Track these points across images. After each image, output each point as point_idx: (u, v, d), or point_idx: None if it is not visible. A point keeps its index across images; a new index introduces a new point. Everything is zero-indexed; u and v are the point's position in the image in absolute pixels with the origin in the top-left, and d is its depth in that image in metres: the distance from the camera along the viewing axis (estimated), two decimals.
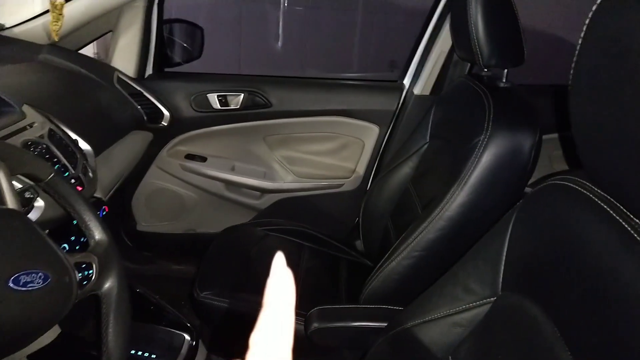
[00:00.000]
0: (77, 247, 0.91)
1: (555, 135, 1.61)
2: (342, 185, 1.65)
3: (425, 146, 1.30)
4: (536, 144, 0.94)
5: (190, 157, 1.61)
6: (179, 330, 1.07)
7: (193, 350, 1.04)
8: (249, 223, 1.52)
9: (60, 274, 0.57)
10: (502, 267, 0.66)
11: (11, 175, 0.58)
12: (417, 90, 1.52)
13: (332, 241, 1.50)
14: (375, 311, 0.95)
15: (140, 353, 0.97)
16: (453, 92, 1.25)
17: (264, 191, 1.65)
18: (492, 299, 0.67)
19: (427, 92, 1.51)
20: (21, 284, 0.51)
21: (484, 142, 0.94)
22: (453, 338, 0.71)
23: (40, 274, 0.53)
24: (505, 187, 0.96)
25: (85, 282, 0.64)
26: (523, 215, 0.66)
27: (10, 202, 0.57)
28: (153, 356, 0.98)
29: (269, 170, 1.65)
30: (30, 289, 0.52)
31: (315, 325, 0.93)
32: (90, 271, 0.65)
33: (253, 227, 1.46)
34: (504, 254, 0.66)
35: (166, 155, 1.59)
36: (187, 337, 1.06)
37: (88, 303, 0.69)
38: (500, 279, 0.66)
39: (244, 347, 0.71)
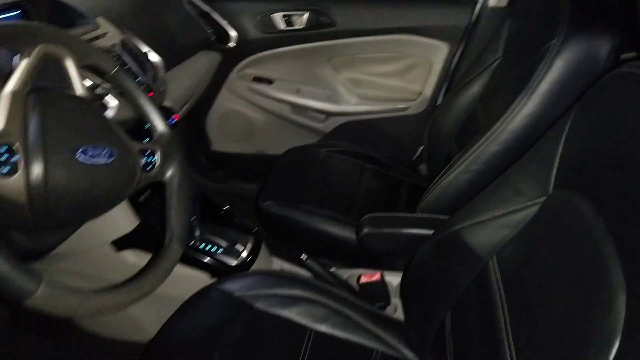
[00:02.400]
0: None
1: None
2: (408, 108, 1.61)
3: (497, 62, 1.22)
4: (615, 52, 0.85)
5: (257, 79, 1.65)
6: (244, 232, 1.16)
7: (255, 250, 1.13)
8: (313, 144, 1.55)
9: (124, 154, 0.63)
10: (556, 166, 0.63)
11: (78, 65, 0.64)
12: (492, 2, 1.40)
13: (394, 164, 1.49)
14: (426, 220, 0.95)
15: (208, 247, 1.07)
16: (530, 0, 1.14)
17: (328, 114, 1.66)
18: (541, 199, 0.64)
19: (503, 4, 1.39)
20: (88, 156, 0.57)
21: (556, 47, 0.86)
22: (499, 240, 0.70)
23: (106, 150, 0.60)
24: (576, 100, 0.89)
25: (149, 168, 0.70)
26: (583, 110, 0.61)
27: (79, 90, 0.63)
28: (219, 251, 1.07)
29: (334, 93, 1.65)
30: (96, 163, 0.59)
31: (366, 230, 0.96)
32: (154, 158, 0.71)
33: (316, 148, 1.49)
34: (559, 152, 0.63)
35: (235, 78, 1.65)
36: (250, 237, 1.15)
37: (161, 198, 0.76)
38: (553, 178, 0.63)
39: (301, 251, 0.75)
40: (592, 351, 0.43)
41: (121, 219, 0.97)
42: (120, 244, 1.00)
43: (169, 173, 0.73)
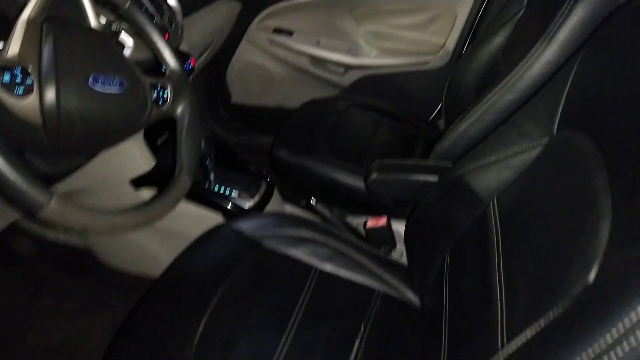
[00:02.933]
0: None
1: None
2: (429, 62, 1.58)
3: (521, 12, 1.18)
4: None
5: (278, 31, 1.65)
6: (257, 178, 1.19)
7: (268, 194, 1.16)
8: (331, 97, 1.55)
9: (135, 85, 0.66)
10: (561, 106, 0.62)
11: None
12: None
13: (412, 120, 1.48)
14: (434, 167, 0.95)
15: (222, 189, 1.11)
16: None
17: (347, 67, 1.65)
18: (545, 139, 0.64)
19: None
20: (100, 83, 0.60)
21: None
22: (501, 182, 0.70)
23: (116, 79, 0.62)
24: None
25: (160, 103, 0.73)
26: (592, 47, 0.60)
27: (93, 22, 0.66)
28: (233, 194, 1.11)
29: (354, 45, 1.63)
30: (107, 91, 0.61)
31: (374, 176, 0.97)
32: (166, 93, 0.73)
33: (334, 101, 1.49)
34: (565, 92, 0.62)
35: (255, 29, 1.64)
36: (263, 183, 1.18)
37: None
38: (557, 119, 0.62)
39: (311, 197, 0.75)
40: (574, 273, 0.44)
41: (139, 158, 1.02)
42: (138, 182, 1.04)
43: (179, 109, 0.76)
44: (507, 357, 0.44)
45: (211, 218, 1.11)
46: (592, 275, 0.42)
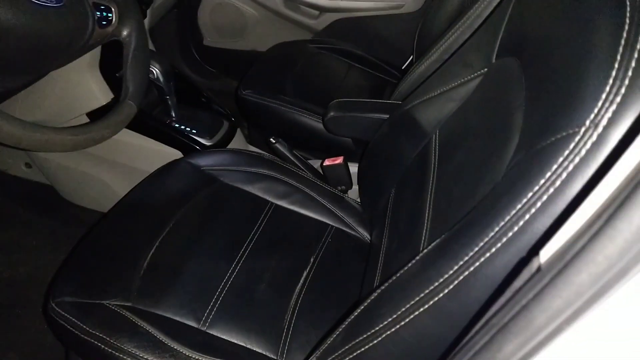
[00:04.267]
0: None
1: None
2: (403, 5, 1.55)
3: None
4: None
5: None
6: (221, 117, 1.19)
7: (230, 133, 1.16)
8: (302, 40, 1.53)
9: (75, 1, 0.64)
10: (500, 35, 0.62)
11: None
12: None
13: (384, 65, 1.47)
14: (387, 105, 0.96)
15: (183, 127, 1.10)
16: None
17: (321, 9, 1.61)
18: (485, 70, 0.64)
19: None
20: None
21: None
22: (445, 113, 0.71)
23: None
24: None
25: (104, 23, 0.71)
26: None
27: None
28: (194, 131, 1.11)
29: None
30: (44, 3, 0.60)
31: (332, 114, 0.97)
32: (110, 15, 0.72)
33: (305, 44, 1.46)
34: (505, 21, 0.62)
35: None
36: (225, 122, 1.17)
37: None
38: (497, 47, 0.62)
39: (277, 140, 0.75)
40: (485, 186, 0.45)
41: (96, 90, 1.00)
42: (96, 116, 1.03)
43: (125, 32, 0.74)
44: (411, 266, 0.46)
45: (171, 155, 1.10)
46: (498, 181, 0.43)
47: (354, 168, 1.09)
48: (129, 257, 0.77)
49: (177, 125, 1.10)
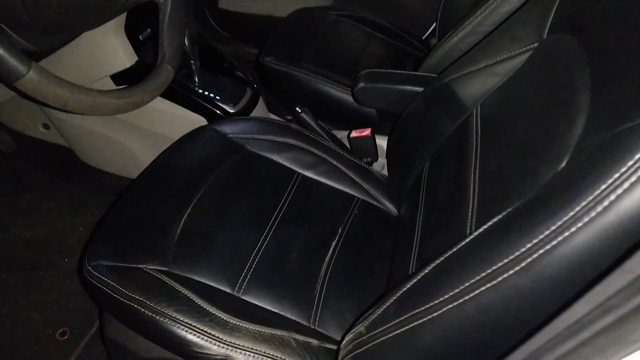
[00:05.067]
0: None
1: None
2: None
3: None
4: None
5: None
6: (243, 84, 1.17)
7: (253, 100, 1.14)
8: (323, 6, 1.49)
9: None
10: (554, 10, 0.61)
11: None
12: None
13: (405, 36, 1.44)
14: (421, 77, 0.95)
15: (207, 93, 1.09)
16: None
17: None
18: (535, 44, 0.63)
19: None
20: None
21: None
22: (486, 89, 0.70)
23: None
24: None
25: None
26: None
27: None
28: (217, 98, 1.09)
29: None
30: None
31: (362, 84, 0.96)
32: None
33: (326, 11, 1.43)
34: None
35: None
36: (248, 89, 1.16)
37: None
38: (549, 22, 0.61)
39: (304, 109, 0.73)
40: (546, 164, 0.45)
41: (121, 52, 0.98)
42: (120, 78, 1.02)
43: None
44: (466, 243, 0.46)
45: (194, 121, 1.09)
46: (563, 164, 0.43)
47: (379, 140, 1.08)
48: (163, 223, 0.78)
49: (200, 91, 1.09)
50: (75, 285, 1.09)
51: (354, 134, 0.99)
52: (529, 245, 0.37)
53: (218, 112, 1.09)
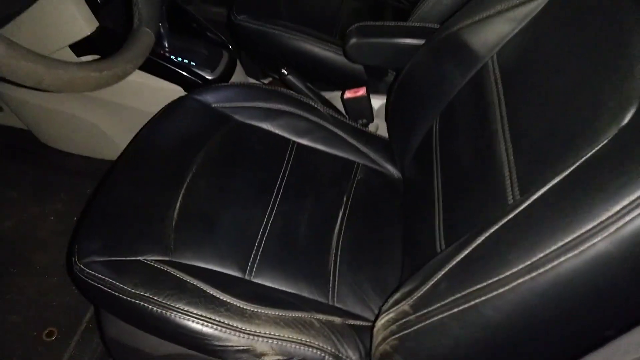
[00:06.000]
0: None
1: None
2: None
3: None
4: None
5: None
6: (218, 46, 1.07)
7: (231, 66, 1.05)
8: None
9: None
10: None
11: None
12: None
13: None
14: (419, 29, 0.88)
15: (179, 59, 0.99)
16: None
17: None
18: None
19: None
20: None
21: None
22: (502, 36, 0.65)
23: None
24: None
25: None
26: None
27: None
28: (192, 64, 0.99)
29: None
30: None
31: (355, 40, 0.89)
32: None
33: None
34: None
35: None
36: (225, 52, 1.06)
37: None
38: None
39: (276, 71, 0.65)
40: (603, 120, 0.41)
41: (79, 18, 0.86)
42: (80, 48, 0.90)
43: None
44: (526, 208, 0.42)
45: (169, 91, 0.99)
46: (628, 115, 0.39)
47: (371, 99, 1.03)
48: (156, 208, 0.70)
49: (172, 57, 0.98)
50: (55, 280, 1.00)
51: (348, 94, 0.93)
52: (617, 208, 0.33)
53: (195, 79, 1.00)
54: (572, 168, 0.40)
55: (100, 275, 0.62)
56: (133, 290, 0.60)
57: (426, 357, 0.47)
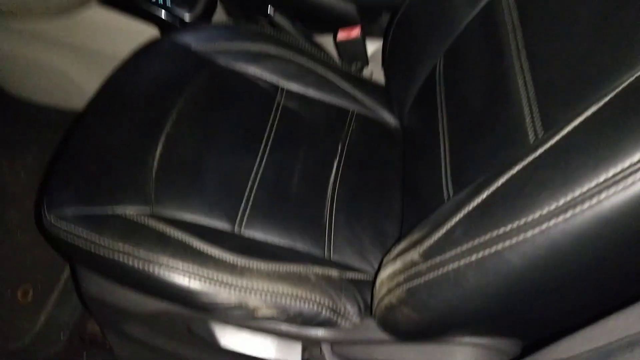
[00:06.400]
0: None
1: None
2: None
3: None
4: None
5: None
6: None
7: (211, 5, 0.96)
8: None
9: None
10: None
11: None
12: None
13: None
14: None
15: None
16: None
17: None
18: None
19: None
20: None
21: None
22: None
23: None
24: None
25: None
26: None
27: None
28: (168, 2, 0.90)
29: None
30: None
31: None
32: None
33: None
34: None
35: None
36: None
37: None
38: None
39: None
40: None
41: None
42: None
43: None
44: (557, 143, 0.37)
45: (143, 32, 0.91)
46: None
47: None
48: (133, 155, 0.64)
49: None
50: (29, 237, 0.94)
51: (341, 35, 0.85)
52: None
53: (172, 19, 0.91)
54: (611, 95, 0.35)
55: (72, 230, 0.56)
56: (109, 246, 0.55)
57: (437, 309, 0.43)
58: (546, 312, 0.44)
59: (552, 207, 0.34)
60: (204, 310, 0.56)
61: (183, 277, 0.54)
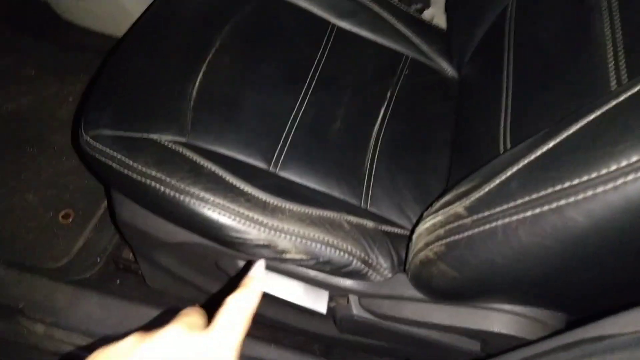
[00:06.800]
0: None
1: None
2: None
3: None
4: None
5: None
6: None
7: None
8: None
9: None
10: None
11: None
12: None
13: None
14: None
15: None
16: None
17: None
18: None
19: None
20: None
21: None
22: None
23: None
24: None
25: None
26: None
27: None
28: None
29: None
30: None
31: None
32: None
33: None
34: None
35: None
36: None
37: None
38: None
39: None
40: None
41: None
42: None
43: None
44: (635, 95, 0.31)
45: None
46: None
47: None
48: (173, 82, 0.62)
49: None
50: (73, 162, 0.96)
51: None
52: None
53: None
54: None
55: (108, 151, 0.55)
56: (144, 170, 0.53)
57: (477, 268, 0.39)
58: (600, 283, 0.40)
59: (633, 159, 0.28)
60: (232, 246, 0.55)
61: (213, 210, 0.53)
